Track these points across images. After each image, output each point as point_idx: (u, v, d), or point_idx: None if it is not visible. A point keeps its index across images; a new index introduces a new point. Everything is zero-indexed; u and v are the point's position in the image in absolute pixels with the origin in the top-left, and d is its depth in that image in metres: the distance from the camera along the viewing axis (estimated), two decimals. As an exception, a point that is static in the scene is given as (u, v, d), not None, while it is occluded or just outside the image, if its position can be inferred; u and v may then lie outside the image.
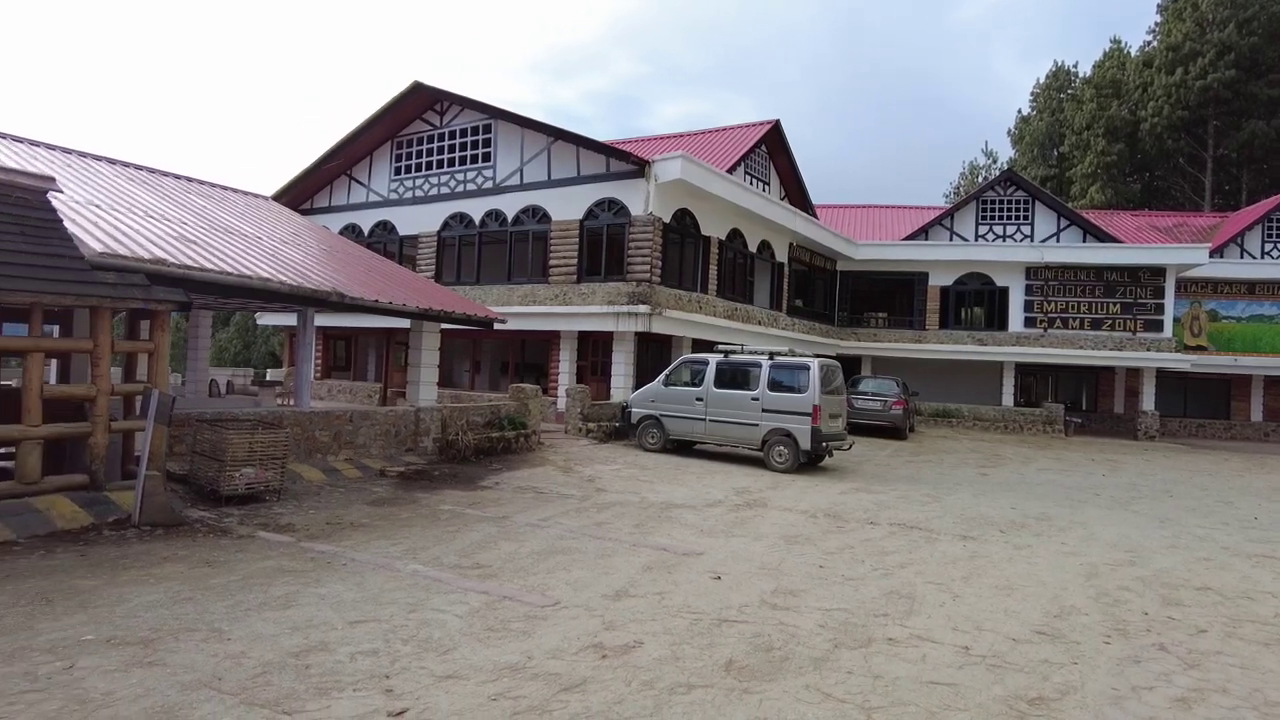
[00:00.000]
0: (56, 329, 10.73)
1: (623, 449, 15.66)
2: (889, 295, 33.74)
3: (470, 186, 22.75)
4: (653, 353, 21.13)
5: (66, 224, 8.58)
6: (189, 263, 9.28)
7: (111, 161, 14.79)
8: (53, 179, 8.67)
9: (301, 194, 25.89)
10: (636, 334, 19.57)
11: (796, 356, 14.53)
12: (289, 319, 24.39)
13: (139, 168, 15.31)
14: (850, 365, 29.74)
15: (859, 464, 16.04)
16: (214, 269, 9.51)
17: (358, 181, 25.55)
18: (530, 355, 23.26)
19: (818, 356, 14.76)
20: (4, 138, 13.17)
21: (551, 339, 21.39)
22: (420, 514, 8.92)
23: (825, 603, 6.30)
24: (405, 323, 17.19)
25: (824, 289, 30.22)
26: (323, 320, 20.98)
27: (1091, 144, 46.73)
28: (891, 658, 5.14)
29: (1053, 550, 8.86)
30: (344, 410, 12.06)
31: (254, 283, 9.66)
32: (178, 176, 15.98)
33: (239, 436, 8.72)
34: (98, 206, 10.59)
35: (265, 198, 19.42)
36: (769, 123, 26.47)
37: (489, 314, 14.76)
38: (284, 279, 10.27)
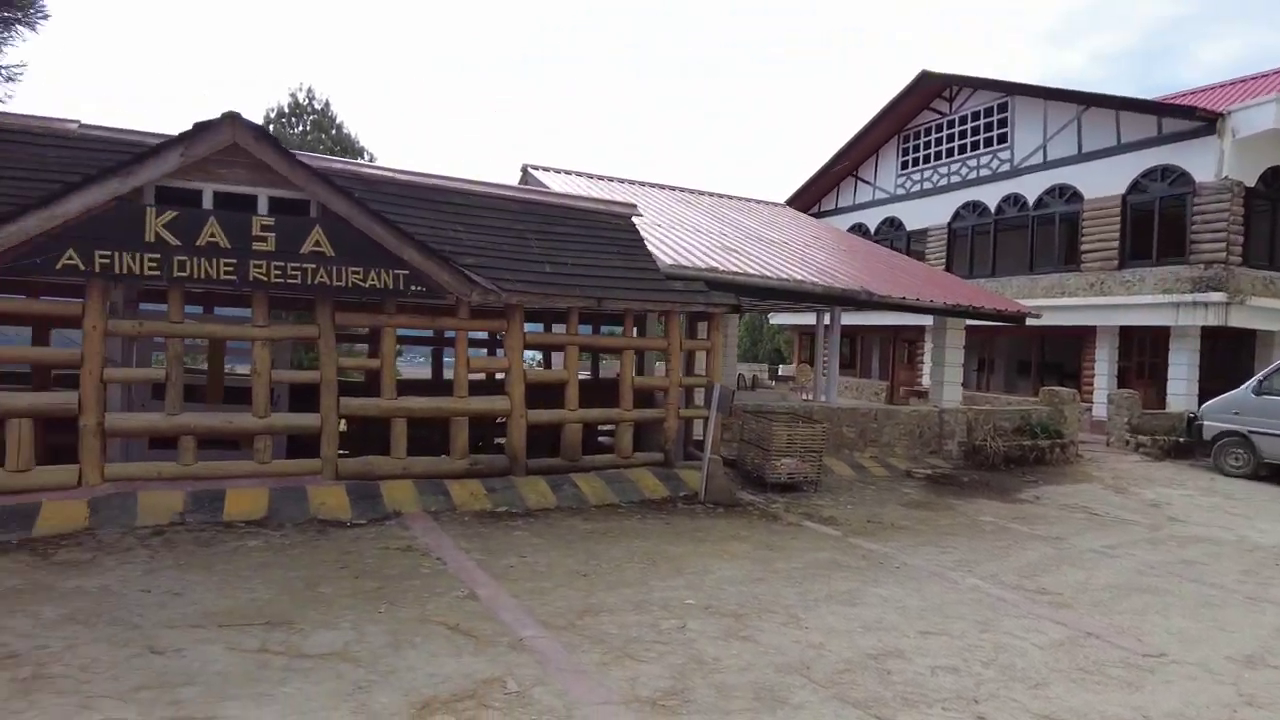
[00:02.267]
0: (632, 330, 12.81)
1: (1188, 470, 12.94)
2: None
3: (983, 172, 21.24)
4: (1224, 352, 17.13)
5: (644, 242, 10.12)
6: (735, 269, 10.21)
7: (660, 187, 17.25)
8: (635, 205, 10.29)
9: (810, 198, 27.15)
10: (1203, 328, 16.06)
11: None
12: (800, 318, 25.75)
13: (678, 189, 17.57)
14: None
15: None
16: (756, 274, 10.31)
17: (863, 181, 25.83)
18: (1052, 353, 20.81)
19: None
20: (591, 177, 16.28)
21: (1083, 335, 18.81)
22: (960, 523, 8.42)
23: None
24: (912, 319, 16.75)
25: None
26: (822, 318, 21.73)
27: None
28: None
29: None
30: (869, 408, 12.14)
31: (790, 285, 10.23)
32: (705, 193, 17.96)
33: (782, 428, 9.28)
34: (660, 226, 12.34)
35: (781, 205, 20.77)
36: None
37: (1019, 308, 13.50)
38: (816, 280, 10.69)
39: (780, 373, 27.94)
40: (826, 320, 13.22)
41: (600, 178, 16.61)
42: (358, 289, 7.19)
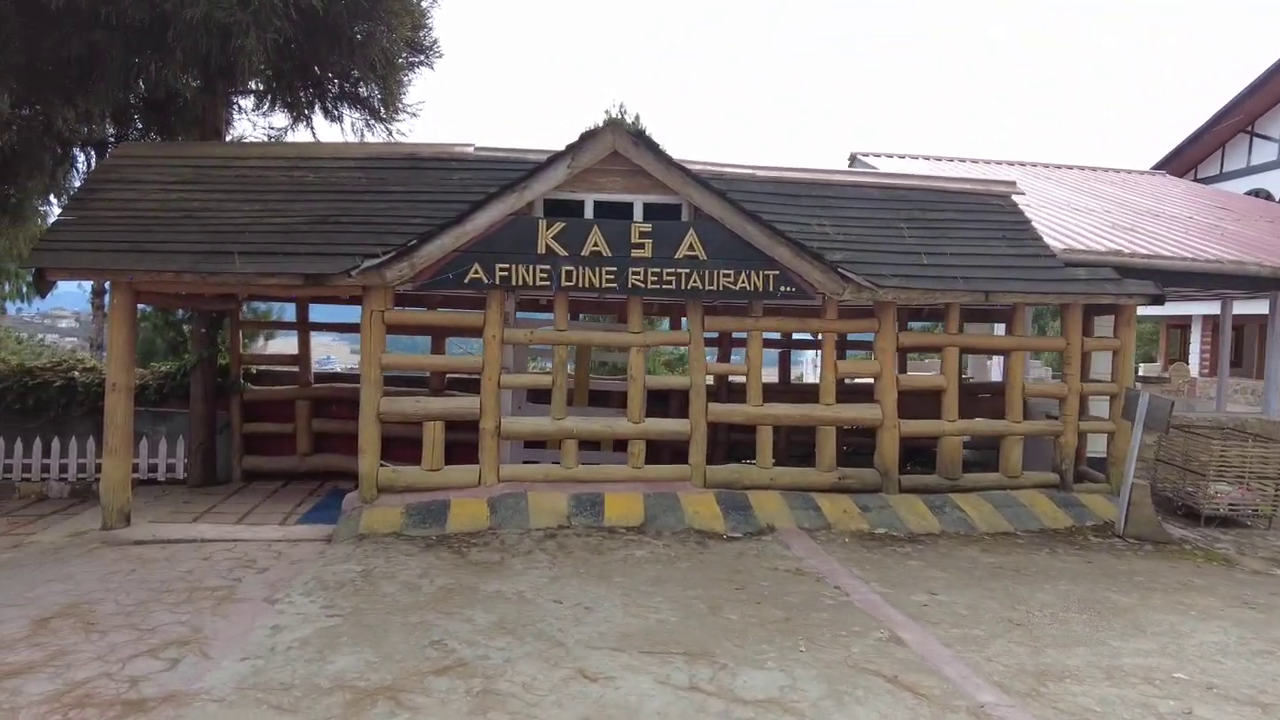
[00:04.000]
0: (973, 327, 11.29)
1: None
2: None
3: None
4: None
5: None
6: (1146, 251, 8.48)
7: (1009, 163, 15.28)
8: (1014, 183, 8.96)
9: (1185, 164, 22.76)
10: None
11: None
12: (1163, 309, 21.73)
13: (1029, 164, 15.42)
14: None
15: None
16: (1172, 255, 8.49)
17: (1262, 137, 21.09)
18: None
19: None
20: (925, 159, 14.88)
21: None
22: None
23: None
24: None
25: None
26: (1195, 307, 18.18)
27: None
28: None
29: None
30: (1324, 421, 9.53)
31: (1229, 268, 8.26)
32: (1063, 166, 15.56)
33: (1219, 446, 7.47)
34: (1030, 206, 10.71)
35: (1155, 173, 17.62)
36: None
37: None
38: (1262, 261, 8.54)
39: (1141, 373, 23.84)
40: (1257, 309, 10.65)
41: (934, 158, 15.17)
42: (728, 291, 6.88)
